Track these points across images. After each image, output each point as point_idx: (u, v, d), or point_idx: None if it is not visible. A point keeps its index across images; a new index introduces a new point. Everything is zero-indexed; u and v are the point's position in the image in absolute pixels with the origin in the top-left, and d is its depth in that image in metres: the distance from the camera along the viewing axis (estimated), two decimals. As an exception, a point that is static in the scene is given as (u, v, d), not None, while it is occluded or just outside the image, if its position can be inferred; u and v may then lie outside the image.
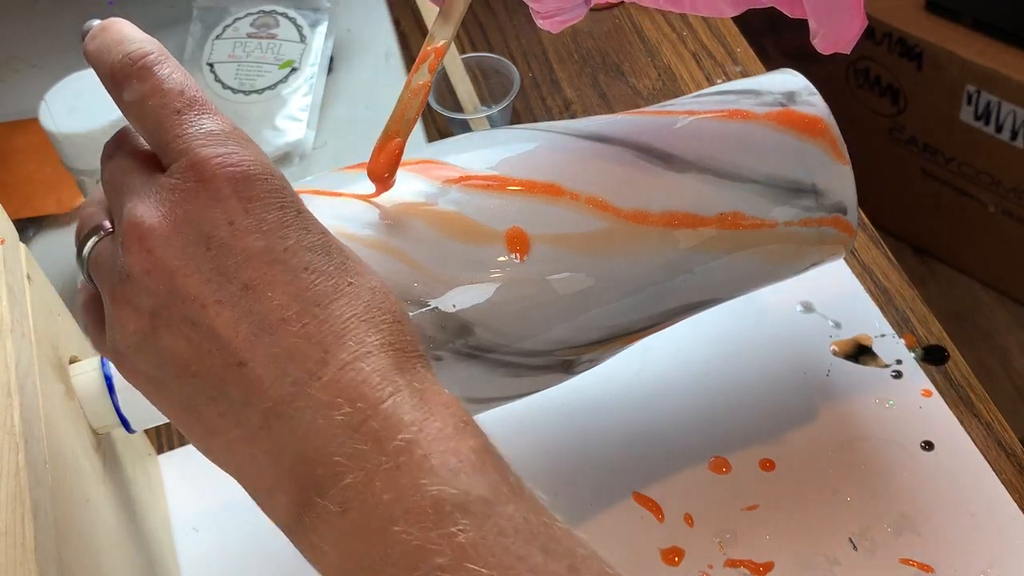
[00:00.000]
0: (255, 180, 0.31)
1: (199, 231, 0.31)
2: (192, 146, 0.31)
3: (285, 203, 0.32)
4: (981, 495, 0.50)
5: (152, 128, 0.33)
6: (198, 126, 0.32)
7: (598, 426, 0.54)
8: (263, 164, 0.32)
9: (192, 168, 0.31)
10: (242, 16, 0.76)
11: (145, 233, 0.31)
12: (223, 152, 0.31)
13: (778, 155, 0.45)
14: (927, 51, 1.34)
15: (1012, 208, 1.37)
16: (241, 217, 0.31)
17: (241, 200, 0.31)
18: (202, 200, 0.31)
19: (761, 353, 0.56)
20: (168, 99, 0.32)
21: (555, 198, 0.43)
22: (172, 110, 0.32)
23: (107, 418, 0.43)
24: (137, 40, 0.34)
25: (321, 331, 0.30)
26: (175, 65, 0.33)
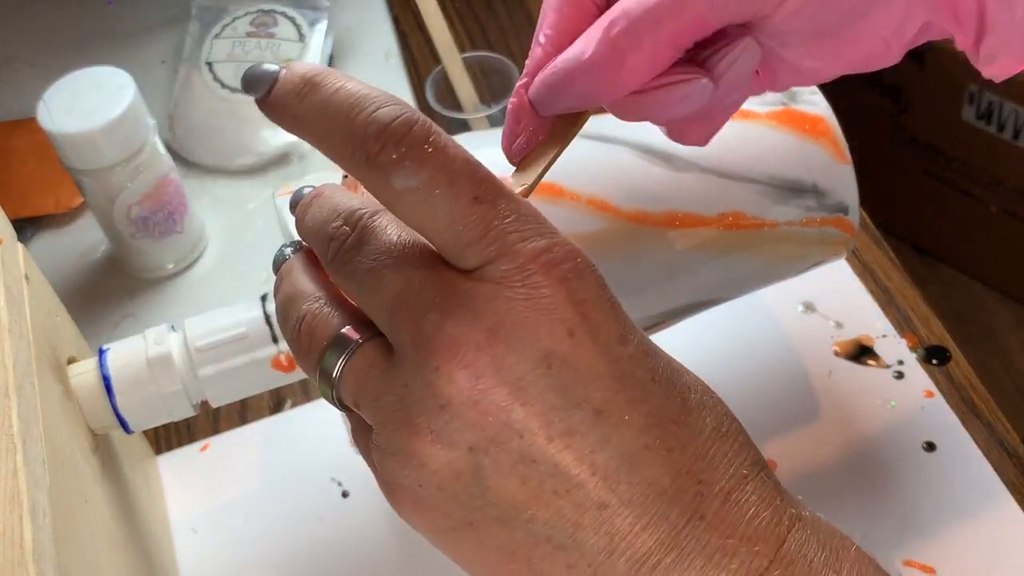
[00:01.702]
0: (584, 276, 0.26)
1: (537, 348, 0.25)
2: (509, 241, 0.25)
3: (613, 299, 0.26)
4: (983, 496, 0.50)
5: (445, 224, 0.26)
6: (506, 214, 0.26)
7: (598, 427, 0.54)
8: (582, 253, 0.26)
9: (517, 271, 0.25)
10: (241, 15, 0.76)
11: (471, 355, 0.25)
12: (544, 245, 0.26)
13: (779, 155, 0.45)
14: (929, 50, 1.34)
15: (1014, 208, 1.37)
16: (580, 324, 0.25)
17: (576, 304, 0.25)
18: (535, 309, 0.25)
19: (762, 353, 0.56)
20: (460, 185, 0.26)
21: (555, 198, 0.43)
22: (468, 198, 0.26)
23: (105, 419, 0.43)
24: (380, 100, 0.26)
25: (687, 456, 0.25)
26: (449, 138, 0.27)
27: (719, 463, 0.26)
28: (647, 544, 0.25)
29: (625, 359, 0.26)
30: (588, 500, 0.25)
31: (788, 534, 0.25)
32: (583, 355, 0.25)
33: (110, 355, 0.43)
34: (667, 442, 0.25)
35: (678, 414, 0.26)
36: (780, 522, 0.25)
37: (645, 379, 0.26)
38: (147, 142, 0.60)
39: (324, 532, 0.52)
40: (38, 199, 0.70)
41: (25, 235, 0.69)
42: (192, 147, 0.72)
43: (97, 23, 0.84)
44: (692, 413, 0.26)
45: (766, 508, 0.25)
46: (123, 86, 0.59)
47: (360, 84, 0.27)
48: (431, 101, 0.68)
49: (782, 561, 0.25)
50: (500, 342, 0.25)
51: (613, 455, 0.25)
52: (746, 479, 0.26)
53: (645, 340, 0.27)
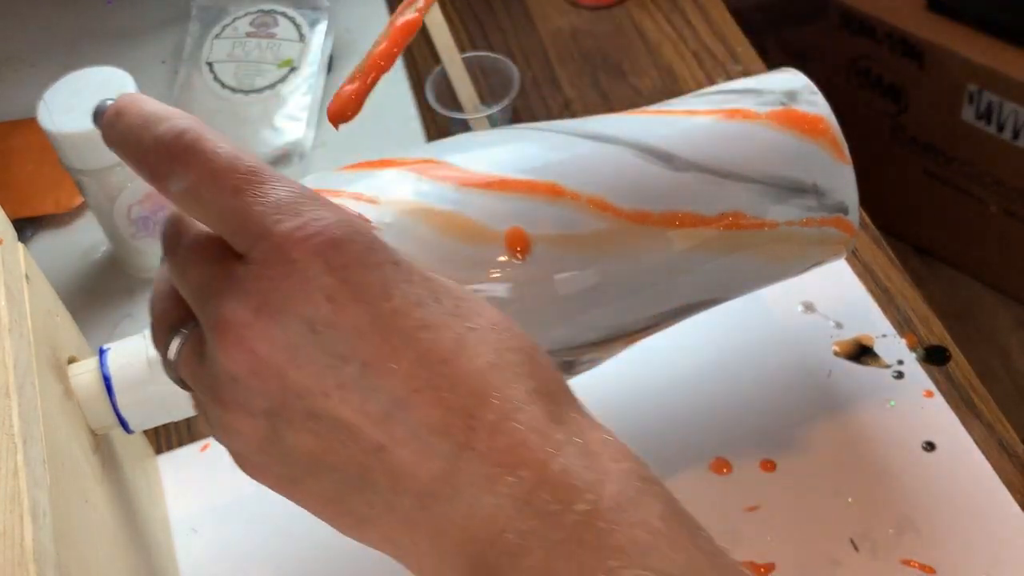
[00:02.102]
0: (343, 244, 0.28)
1: (300, 317, 0.27)
2: (265, 225, 0.28)
3: (379, 261, 0.29)
4: (983, 496, 0.50)
5: (216, 217, 0.29)
6: (264, 199, 0.28)
7: (598, 426, 0.54)
8: (344, 222, 0.29)
9: (274, 251, 0.28)
10: (241, 15, 0.76)
11: (243, 331, 0.28)
12: (299, 223, 0.28)
13: (779, 155, 0.45)
14: (928, 50, 1.34)
15: (1014, 208, 1.37)
16: (339, 290, 0.28)
17: (334, 271, 0.28)
18: (294, 282, 0.28)
19: (762, 353, 0.56)
20: (222, 180, 0.29)
21: (555, 198, 0.43)
22: (230, 191, 0.29)
23: (106, 418, 0.43)
24: (164, 117, 0.30)
25: (458, 393, 0.27)
26: (217, 135, 0.30)
27: (491, 398, 0.27)
28: (425, 479, 0.27)
29: (389, 313, 0.28)
30: (370, 444, 0.27)
31: (553, 459, 0.27)
32: (345, 316, 0.28)
33: (110, 355, 0.43)
34: (435, 382, 0.27)
35: (448, 355, 0.28)
36: (545, 447, 0.27)
37: (411, 328, 0.28)
38: (147, 142, 0.60)
39: (324, 532, 0.52)
40: (38, 199, 0.70)
41: (25, 235, 0.69)
42: (192, 147, 0.72)
43: (97, 23, 0.84)
44: (466, 351, 0.28)
45: (534, 436, 0.27)
46: (123, 86, 0.59)
47: (156, 106, 0.31)
48: (431, 101, 0.68)
49: (546, 484, 0.27)
50: (265, 316, 0.28)
51: (384, 401, 0.27)
52: (518, 410, 0.27)
53: (421, 292, 0.29)
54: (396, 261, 0.29)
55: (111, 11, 0.85)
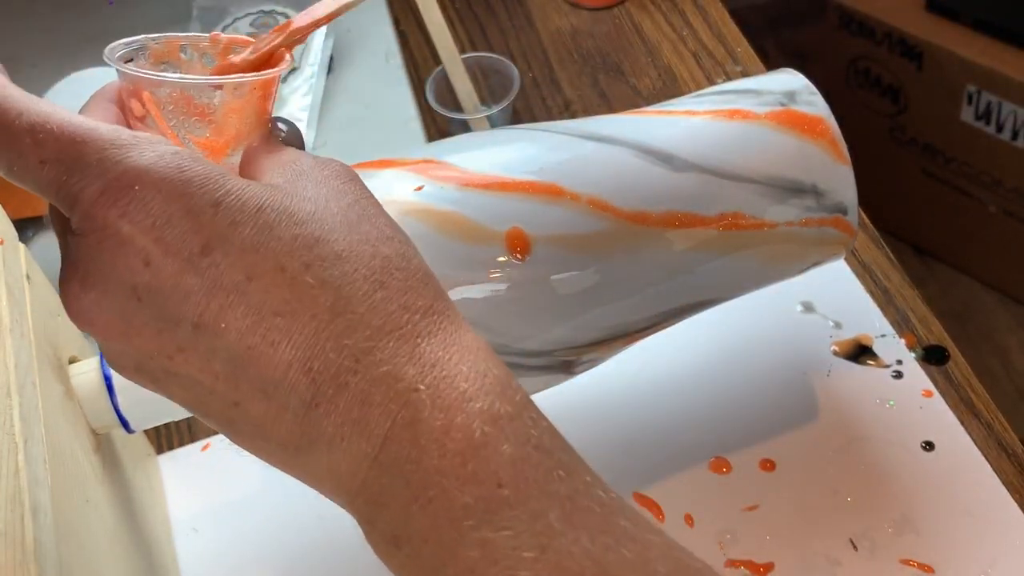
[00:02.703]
0: (148, 200, 0.27)
1: (121, 284, 0.27)
2: (73, 195, 0.27)
3: (192, 207, 0.27)
4: (982, 495, 0.50)
5: (37, 191, 0.28)
6: (68, 167, 0.27)
7: (598, 426, 0.54)
8: (150, 169, 0.27)
9: (85, 219, 0.27)
10: (242, 16, 0.76)
11: (78, 307, 0.28)
12: (102, 185, 0.27)
13: (778, 155, 0.45)
14: (927, 51, 1.34)
15: (1013, 208, 1.37)
16: (154, 251, 0.27)
17: (145, 231, 0.26)
18: (108, 249, 0.27)
19: (761, 353, 0.56)
20: (27, 155, 0.27)
21: (555, 198, 0.43)
22: (35, 165, 0.27)
23: (107, 418, 0.43)
24: None
25: (295, 345, 0.27)
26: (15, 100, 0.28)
27: (329, 350, 0.26)
28: (282, 432, 0.27)
29: (210, 269, 0.26)
30: (226, 400, 0.27)
31: (399, 412, 0.26)
32: (166, 278, 0.27)
33: (111, 355, 0.43)
34: (270, 336, 0.26)
35: (282, 305, 0.27)
36: (389, 403, 0.26)
37: (238, 281, 0.26)
38: (148, 142, 0.60)
39: (324, 531, 0.52)
40: (39, 199, 0.70)
41: (26, 235, 0.69)
42: (193, 147, 0.72)
43: (99, 24, 0.84)
44: (302, 298, 0.27)
45: (378, 392, 0.26)
46: (124, 87, 0.59)
47: None
48: (431, 101, 0.68)
49: (393, 441, 0.26)
50: (92, 288, 0.27)
51: (224, 359, 0.27)
52: (358, 361, 0.26)
53: (248, 234, 0.27)
54: (216, 202, 0.27)
55: (112, 12, 0.85)
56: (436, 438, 0.26)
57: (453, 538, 0.26)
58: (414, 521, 0.26)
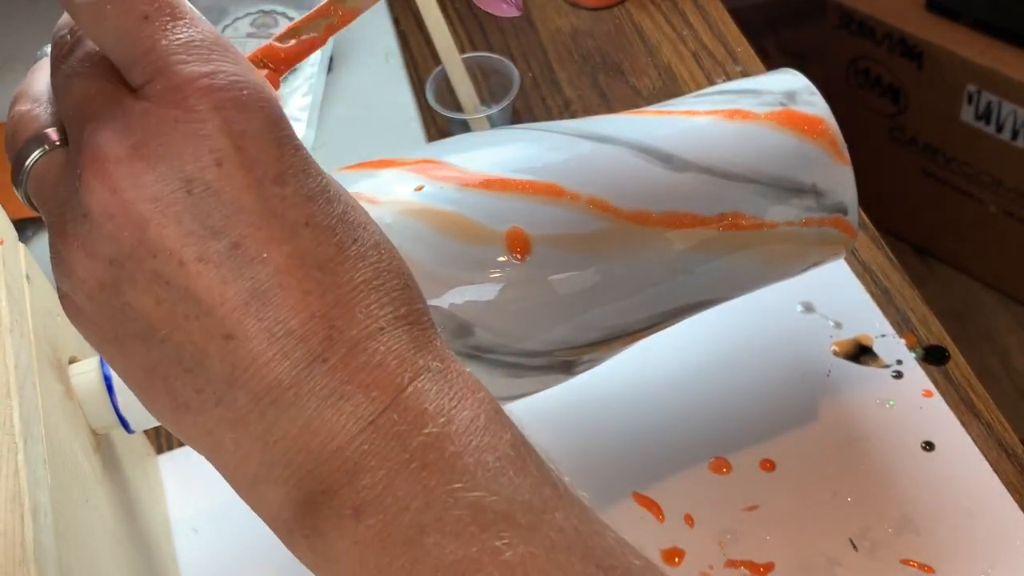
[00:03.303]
0: (248, 108, 0.26)
1: (179, 171, 0.25)
2: (169, 62, 0.25)
3: (282, 138, 0.26)
4: (982, 495, 0.50)
5: (114, 39, 0.26)
6: (175, 35, 0.26)
7: (598, 426, 0.54)
8: (256, 87, 0.26)
9: (171, 91, 0.25)
10: (241, 16, 0.76)
11: (111, 168, 0.25)
12: (208, 71, 0.25)
13: (778, 155, 0.45)
14: (928, 51, 1.34)
15: (1013, 208, 1.37)
16: (232, 156, 0.25)
17: (232, 135, 0.25)
18: (184, 132, 0.25)
19: (761, 353, 0.56)
20: (134, 2, 0.26)
21: (555, 198, 0.43)
22: (138, 15, 0.26)
23: (106, 418, 0.43)
24: None
25: (326, 302, 0.26)
26: None
27: (358, 313, 0.26)
28: (266, 380, 0.25)
29: (277, 199, 0.26)
30: (216, 329, 0.25)
31: (410, 383, 0.26)
32: (229, 186, 0.25)
33: (111, 355, 0.43)
34: (305, 284, 0.26)
35: (326, 261, 0.26)
36: (403, 372, 0.26)
37: (296, 222, 0.26)
38: (148, 142, 0.60)
39: (324, 531, 0.52)
40: (39, 199, 0.70)
41: (26, 235, 0.69)
42: (192, 147, 0.72)
43: (97, 23, 0.84)
44: (346, 263, 0.26)
45: (393, 359, 0.26)
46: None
47: None
48: (431, 101, 0.68)
49: (398, 407, 0.25)
50: (141, 159, 0.25)
51: (244, 288, 0.25)
52: (382, 331, 0.26)
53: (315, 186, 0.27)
54: (297, 146, 0.27)
55: (111, 12, 0.85)
56: (445, 410, 0.26)
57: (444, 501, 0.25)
58: (397, 486, 0.25)
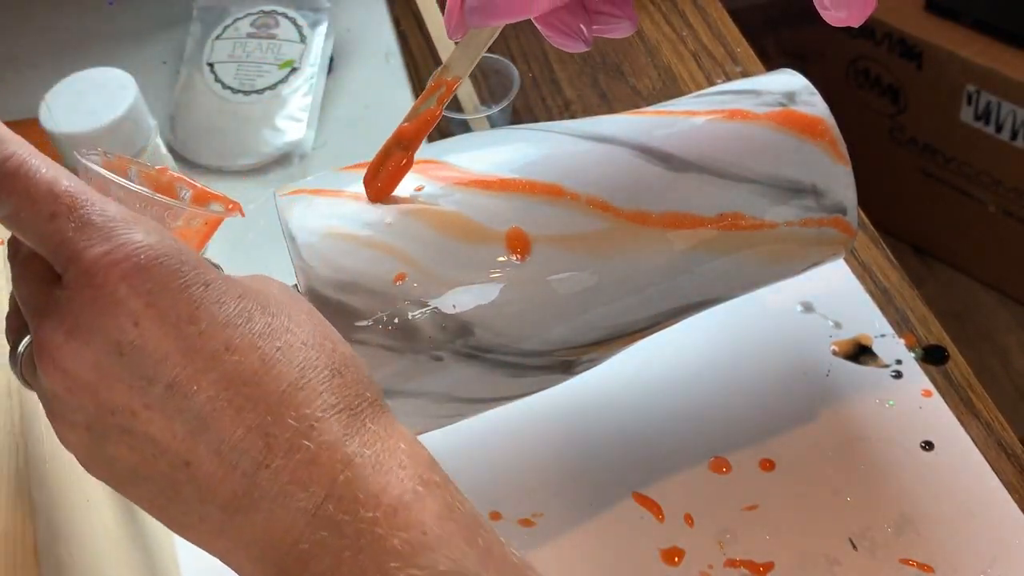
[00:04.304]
0: (149, 269, 0.30)
1: (107, 339, 0.29)
2: (77, 251, 0.30)
3: (188, 281, 0.30)
4: (981, 495, 0.50)
5: (34, 240, 0.30)
6: (76, 225, 0.30)
7: (598, 426, 0.54)
8: (153, 245, 0.30)
9: (83, 275, 0.29)
10: (242, 16, 0.76)
11: (55, 352, 0.30)
12: (107, 248, 0.29)
13: (778, 155, 0.45)
14: (927, 51, 1.34)
15: (1012, 208, 1.37)
16: (145, 314, 0.29)
17: (140, 295, 0.29)
18: (101, 306, 0.29)
19: (761, 353, 0.56)
20: (39, 206, 0.30)
21: (555, 198, 0.43)
22: (46, 216, 0.30)
23: (107, 418, 0.43)
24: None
25: (258, 412, 0.29)
26: (42, 159, 0.30)
27: (289, 416, 0.30)
28: (226, 492, 0.29)
29: (194, 336, 0.29)
30: (177, 460, 0.29)
31: (342, 473, 0.29)
32: (151, 339, 0.29)
33: (112, 355, 0.43)
34: (236, 402, 0.29)
35: (251, 376, 0.30)
36: (335, 464, 0.29)
37: (216, 351, 0.30)
38: (148, 143, 0.60)
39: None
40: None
41: (26, 235, 0.69)
42: (193, 148, 0.72)
43: (99, 24, 0.84)
44: (271, 371, 0.30)
45: (326, 452, 0.29)
46: (125, 87, 0.59)
47: None
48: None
49: (333, 498, 0.29)
50: (75, 339, 0.29)
51: (188, 420, 0.29)
52: (313, 428, 0.30)
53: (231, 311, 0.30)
54: (207, 282, 0.30)
55: (112, 12, 0.85)
56: (374, 494, 0.29)
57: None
58: (342, 569, 0.29)
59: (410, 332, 0.40)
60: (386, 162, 0.42)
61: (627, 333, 0.45)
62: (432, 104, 0.41)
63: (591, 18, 0.40)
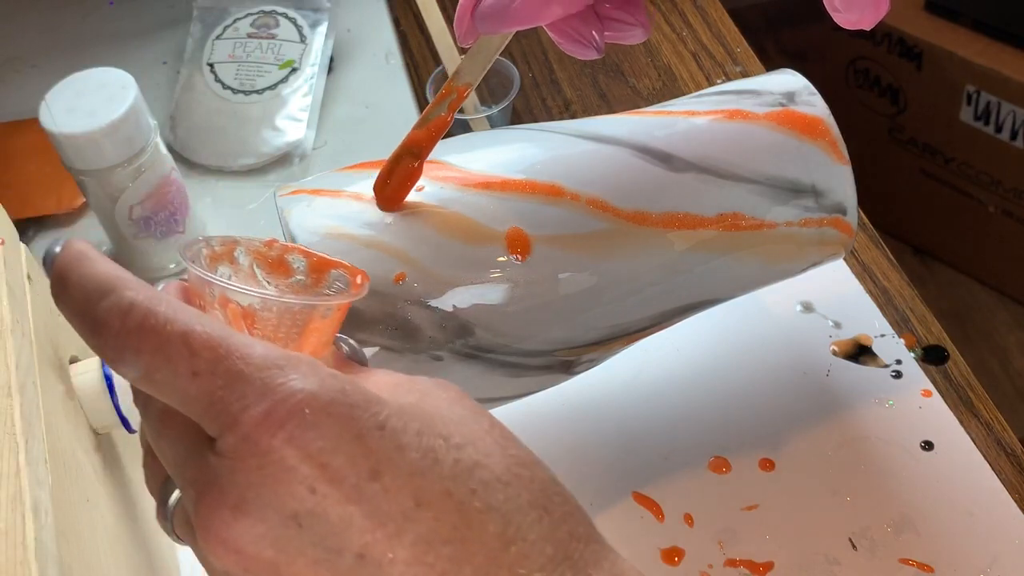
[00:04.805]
0: (317, 424, 0.26)
1: (282, 512, 0.25)
2: (231, 415, 0.26)
3: (362, 429, 0.26)
4: (981, 495, 0.50)
5: (176, 402, 0.26)
6: (224, 382, 0.26)
7: (598, 426, 0.54)
8: (316, 393, 0.26)
9: (243, 442, 0.25)
10: (242, 16, 0.76)
11: (224, 532, 0.26)
12: (266, 407, 0.25)
13: (778, 155, 0.45)
14: (927, 51, 1.34)
15: (1012, 208, 1.37)
16: (320, 477, 0.25)
17: (312, 457, 0.25)
18: (270, 476, 0.25)
19: (761, 353, 0.56)
20: (176, 364, 0.26)
21: (555, 199, 0.43)
22: (186, 376, 0.26)
23: (107, 418, 0.43)
24: (107, 289, 0.27)
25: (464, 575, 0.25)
26: (166, 304, 0.26)
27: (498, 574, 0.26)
28: None
29: (379, 495, 0.25)
30: None
31: None
32: (330, 505, 0.25)
33: (112, 355, 0.43)
34: (439, 567, 0.25)
35: (451, 532, 0.26)
36: None
37: (406, 508, 0.25)
38: (149, 143, 0.60)
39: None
40: (40, 199, 0.70)
41: (27, 235, 0.69)
42: (194, 147, 0.72)
43: (99, 24, 0.84)
44: (472, 525, 0.26)
45: None
46: (125, 87, 0.59)
47: (99, 273, 0.27)
48: (431, 100, 0.69)
49: None
50: (246, 515, 0.25)
51: None
52: None
53: (415, 458, 0.26)
54: (381, 424, 0.26)
55: (113, 12, 0.85)
56: None
57: None
58: None
59: (410, 332, 0.40)
60: (396, 169, 0.41)
61: (627, 333, 0.45)
62: (443, 111, 0.41)
63: (603, 24, 0.38)
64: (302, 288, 0.32)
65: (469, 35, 0.39)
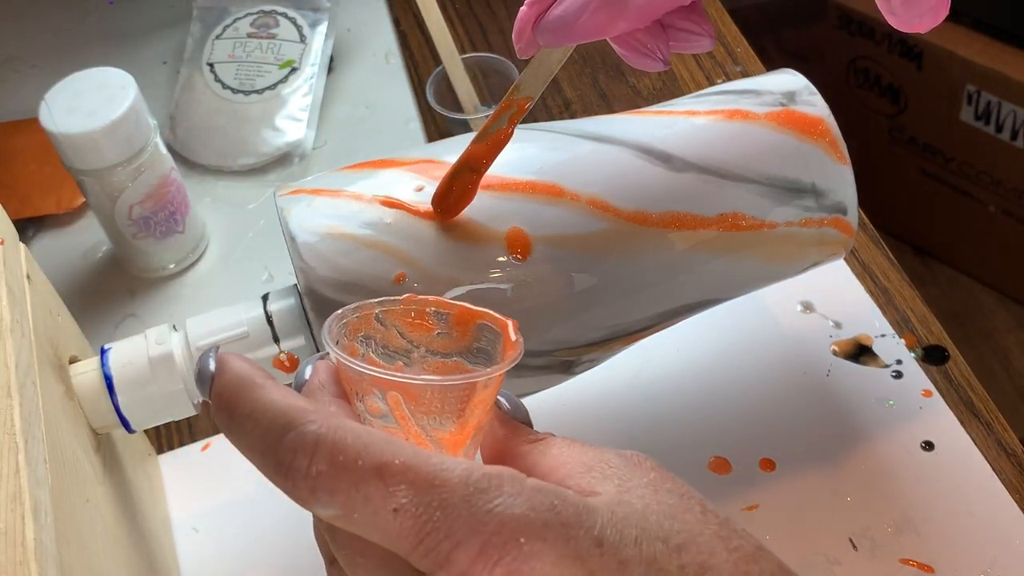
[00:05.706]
0: (534, 555, 0.24)
1: None
2: (442, 554, 0.24)
3: (580, 551, 0.24)
4: (981, 495, 0.50)
5: (380, 539, 0.25)
6: (427, 517, 0.24)
7: (598, 426, 0.54)
8: (530, 518, 0.24)
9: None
10: (242, 16, 0.76)
11: None
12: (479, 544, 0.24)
13: (778, 155, 0.45)
14: (927, 51, 1.34)
15: (1012, 208, 1.37)
16: None
17: None
18: None
19: (761, 353, 0.56)
20: (376, 504, 0.24)
21: (556, 199, 0.43)
22: (388, 512, 0.24)
23: (107, 418, 0.43)
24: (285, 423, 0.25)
25: None
26: (352, 434, 0.25)
27: None
28: None
29: None
30: None
31: None
32: None
33: (112, 354, 0.43)
34: None
35: None
36: None
37: None
38: (148, 142, 0.60)
39: (325, 531, 0.52)
40: (40, 199, 0.70)
41: (27, 235, 0.69)
42: (193, 147, 0.72)
43: (99, 24, 0.84)
44: None
45: None
46: (124, 87, 0.59)
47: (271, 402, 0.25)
48: (431, 101, 0.69)
49: None
50: None
51: None
52: None
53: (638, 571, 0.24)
54: (599, 540, 0.24)
55: (113, 12, 0.85)
56: None
57: None
58: None
59: (410, 332, 0.40)
60: (455, 184, 0.41)
61: (627, 333, 0.45)
62: (503, 124, 0.40)
63: (668, 35, 0.37)
64: (450, 342, 0.31)
65: (529, 48, 0.37)
